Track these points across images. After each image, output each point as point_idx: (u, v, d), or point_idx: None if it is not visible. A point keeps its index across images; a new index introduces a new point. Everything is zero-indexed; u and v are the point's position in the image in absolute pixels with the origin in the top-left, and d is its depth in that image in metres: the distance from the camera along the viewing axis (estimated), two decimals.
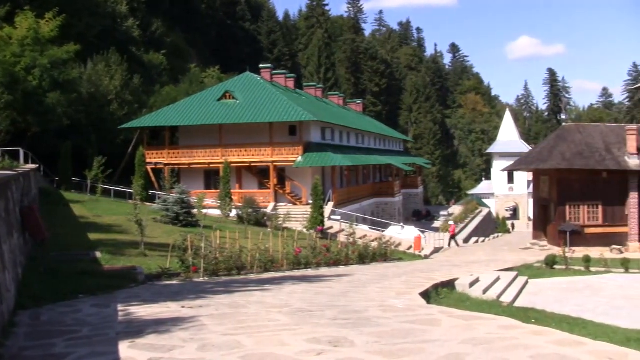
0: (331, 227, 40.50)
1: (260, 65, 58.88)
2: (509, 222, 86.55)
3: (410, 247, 40.52)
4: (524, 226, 79.50)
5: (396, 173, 68.26)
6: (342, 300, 12.15)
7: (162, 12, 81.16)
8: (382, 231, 45.15)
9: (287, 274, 19.68)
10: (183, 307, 10.55)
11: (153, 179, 47.56)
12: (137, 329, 8.19)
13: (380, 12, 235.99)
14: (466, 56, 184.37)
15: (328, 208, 44.59)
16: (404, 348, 6.80)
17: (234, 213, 39.41)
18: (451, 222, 42.22)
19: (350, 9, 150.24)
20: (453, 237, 48.67)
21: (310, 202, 40.31)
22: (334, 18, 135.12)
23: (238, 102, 49.85)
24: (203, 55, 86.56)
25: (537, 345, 6.97)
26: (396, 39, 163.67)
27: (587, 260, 31.02)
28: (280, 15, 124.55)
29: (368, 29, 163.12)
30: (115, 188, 43.49)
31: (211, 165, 47.85)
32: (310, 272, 20.92)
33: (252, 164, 48.40)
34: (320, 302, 11.57)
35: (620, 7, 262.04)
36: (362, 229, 42.80)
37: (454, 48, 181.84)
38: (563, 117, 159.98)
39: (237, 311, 10.04)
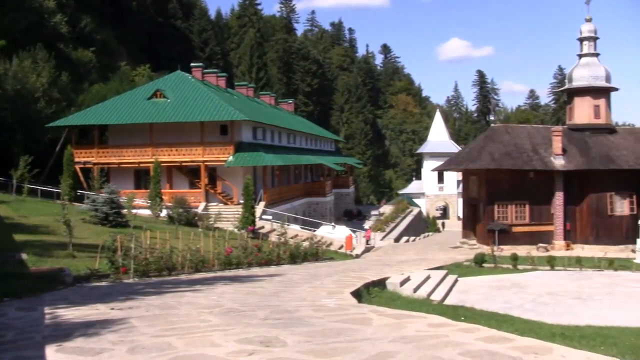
0: (262, 227, 40.46)
1: (192, 64, 58.38)
2: (439, 222, 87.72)
3: (341, 247, 40.72)
4: (454, 225, 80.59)
5: (327, 173, 68.49)
6: (274, 300, 12.14)
7: (91, 9, 79.71)
8: (314, 231, 45.27)
9: (219, 274, 19.55)
10: (112, 308, 10.40)
11: (81, 178, 46.74)
12: (64, 332, 8.03)
13: (313, 12, 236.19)
14: (397, 57, 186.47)
15: (259, 208, 44.51)
16: (336, 347, 6.84)
17: (164, 213, 39.01)
18: (367, 227, 42.57)
19: (283, 8, 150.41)
20: (367, 242, 48.73)
21: (242, 201, 40.20)
22: (266, 17, 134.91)
23: (169, 101, 49.35)
24: (133, 53, 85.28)
25: (466, 342, 7.08)
26: (328, 39, 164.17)
27: (514, 258, 31.66)
28: (212, 13, 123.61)
29: (300, 28, 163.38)
30: (42, 188, 42.61)
31: (141, 165, 47.27)
32: (241, 272, 20.83)
33: (183, 164, 47.98)
34: (251, 302, 11.54)
35: (547, 11, 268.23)
36: (294, 229, 42.83)
37: (385, 49, 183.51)
38: (492, 118, 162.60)
39: (168, 312, 9.94)
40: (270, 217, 43.58)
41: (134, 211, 33.42)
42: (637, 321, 16.58)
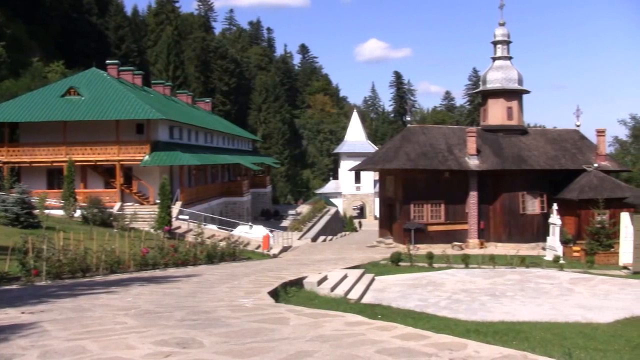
0: (179, 227, 40.03)
1: (107, 61, 57.24)
2: (356, 221, 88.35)
3: (258, 246, 40.63)
4: (371, 224, 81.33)
5: (245, 172, 68.31)
6: (191, 300, 12.05)
7: (1, 2, 77.29)
8: (231, 230, 45.07)
9: (134, 275, 19.29)
10: (23, 312, 10.13)
11: None
12: None
13: (231, 10, 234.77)
14: (315, 57, 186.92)
15: (176, 207, 44.05)
16: (253, 347, 6.83)
17: (78, 213, 38.15)
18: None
19: (201, 6, 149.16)
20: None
21: (158, 201, 39.67)
22: (184, 15, 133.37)
23: (83, 98, 48.30)
24: (46, 48, 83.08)
25: (383, 340, 7.16)
26: (246, 38, 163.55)
27: (430, 257, 32.14)
28: (128, 10, 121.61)
29: (218, 27, 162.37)
30: None
31: (54, 164, 46.11)
32: (158, 272, 20.59)
33: (98, 163, 47.06)
34: (168, 303, 11.42)
35: (463, 14, 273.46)
36: (211, 229, 42.54)
37: (304, 49, 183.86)
38: (408, 118, 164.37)
39: (82, 315, 9.74)
40: (187, 217, 43.18)
41: (46, 211, 32.69)
42: (546, 316, 17.07)
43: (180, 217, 43.34)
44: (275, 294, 13.78)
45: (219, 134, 69.32)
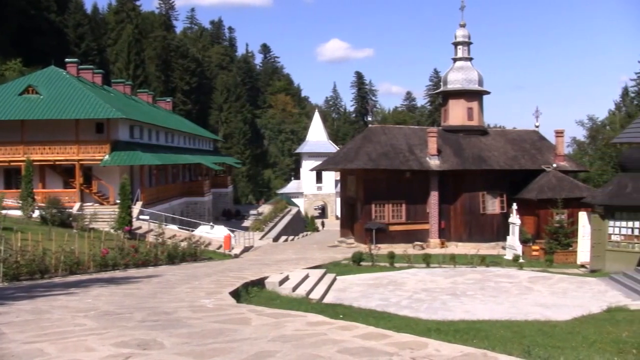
0: (140, 227, 39.73)
1: (66, 60, 56.48)
2: (319, 221, 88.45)
3: (220, 247, 40.49)
4: (332, 224, 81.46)
5: (206, 172, 68.00)
6: (151, 301, 11.95)
7: None
8: (192, 231, 44.86)
9: (94, 276, 19.09)
10: None
11: None
12: None
13: (192, 9, 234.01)
14: (277, 57, 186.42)
15: (136, 208, 43.69)
16: (214, 348, 6.79)
17: (37, 214, 37.65)
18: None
19: (162, 5, 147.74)
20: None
21: (118, 201, 39.31)
22: (145, 14, 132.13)
23: (42, 97, 47.63)
24: (3, 46, 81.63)
25: (344, 339, 7.16)
26: (208, 37, 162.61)
27: (391, 256, 32.32)
28: (88, 7, 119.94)
29: (179, 26, 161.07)
30: None
31: (12, 164, 45.40)
32: (118, 273, 20.41)
33: (57, 163, 46.46)
34: (128, 305, 11.32)
35: (425, 15, 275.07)
36: (172, 229, 42.33)
37: (265, 48, 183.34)
38: (369, 118, 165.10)
39: (40, 317, 9.59)
40: (147, 217, 42.87)
41: (3, 212, 32.15)
42: (506, 314, 17.28)
43: (141, 217, 43.02)
44: (236, 294, 13.74)
45: (180, 133, 68.93)
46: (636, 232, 29.82)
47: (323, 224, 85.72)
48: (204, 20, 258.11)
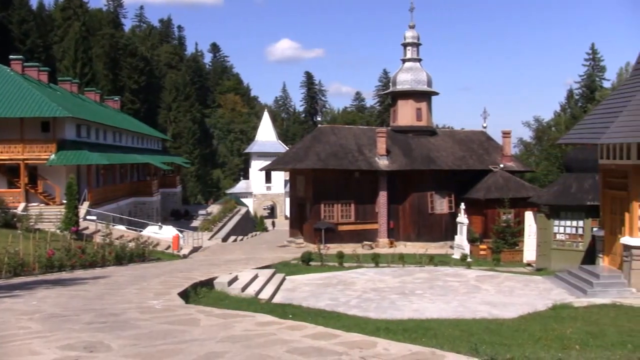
0: (87, 228, 39.18)
1: (11, 57, 55.34)
2: (269, 221, 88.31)
3: (168, 247, 40.19)
4: (282, 224, 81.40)
5: (154, 172, 67.36)
6: (99, 303, 11.82)
7: None
8: (140, 231, 44.43)
9: (40, 277, 18.80)
10: None
11: None
12: None
13: (141, 7, 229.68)
14: (227, 56, 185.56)
15: (83, 208, 43.12)
16: (163, 349, 6.75)
17: None
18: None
19: (110, 2, 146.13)
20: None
21: (65, 201, 38.72)
22: (93, 11, 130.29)
23: None
24: None
25: (293, 339, 7.18)
26: (157, 36, 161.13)
27: (340, 256, 32.39)
28: (33, 3, 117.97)
29: (128, 24, 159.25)
30: None
31: None
32: (64, 275, 20.12)
33: (1, 162, 45.58)
34: (75, 306, 11.18)
35: (375, 15, 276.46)
36: (120, 229, 41.86)
37: (215, 48, 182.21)
38: (319, 118, 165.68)
39: None
40: (95, 218, 42.33)
41: None
42: (454, 313, 17.45)
43: (88, 217, 42.46)
44: (185, 295, 13.67)
45: (128, 133, 68.21)
46: (580, 231, 30.34)
47: (274, 224, 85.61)
48: (153, 18, 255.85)
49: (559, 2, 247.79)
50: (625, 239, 21.21)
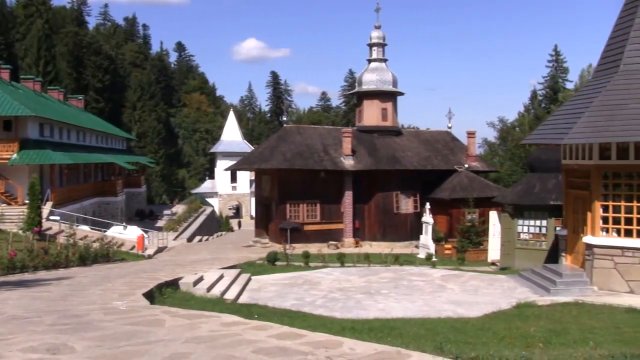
0: (50, 228, 38.74)
1: None
2: (235, 220, 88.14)
3: (133, 247, 39.90)
4: (248, 224, 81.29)
5: (119, 172, 66.84)
6: (62, 304, 11.70)
7: None
8: (105, 231, 44.05)
9: (1, 279, 18.55)
10: None
11: None
12: None
13: (106, 5, 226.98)
14: (192, 55, 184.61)
15: (46, 208, 42.62)
16: (127, 351, 6.70)
17: None
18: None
19: (74, 0, 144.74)
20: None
21: (27, 202, 38.27)
22: (56, 8, 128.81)
23: None
24: None
25: (259, 339, 7.17)
26: (121, 34, 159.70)
27: (306, 256, 32.38)
28: None
29: (92, 22, 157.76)
30: None
31: None
32: (27, 276, 19.88)
33: None
34: (37, 308, 11.05)
35: (341, 16, 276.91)
36: (83, 230, 41.51)
37: (180, 47, 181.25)
38: (284, 118, 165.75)
39: None
40: (58, 218, 41.87)
41: None
42: (420, 312, 17.53)
43: (51, 217, 41.98)
44: (150, 296, 13.59)
45: (93, 132, 67.61)
46: (544, 231, 30.66)
47: (240, 224, 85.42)
48: (118, 16, 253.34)
49: (523, 4, 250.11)
50: (588, 238, 21.48)
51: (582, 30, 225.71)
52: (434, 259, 37.26)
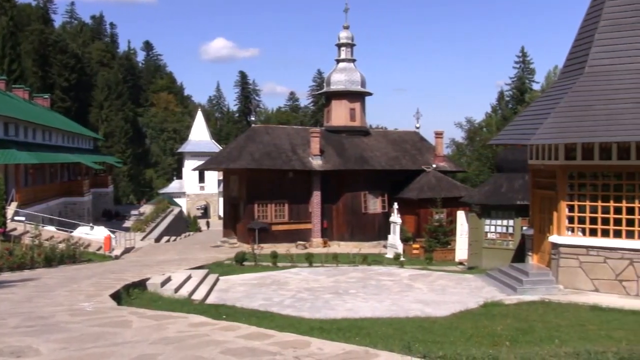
0: (15, 229, 38.29)
1: None
2: (203, 221, 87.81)
3: (100, 248, 39.57)
4: (216, 224, 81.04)
5: (85, 172, 66.27)
6: (27, 306, 11.57)
7: None
8: (71, 232, 43.65)
9: None
10: None
11: None
12: None
13: (72, 3, 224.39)
14: (160, 55, 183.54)
15: (11, 208, 42.12)
16: (94, 352, 6.64)
17: None
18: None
19: None
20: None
21: None
22: (21, 6, 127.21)
23: None
24: None
25: (227, 340, 7.15)
26: (88, 33, 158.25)
27: (274, 256, 32.35)
28: None
29: (58, 20, 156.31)
30: None
31: None
32: None
33: None
34: (1, 310, 10.91)
35: (309, 16, 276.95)
36: (49, 230, 41.05)
37: (148, 46, 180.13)
38: (253, 118, 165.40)
39: None
40: (23, 218, 41.39)
41: None
42: (388, 312, 17.58)
43: (16, 218, 41.50)
44: (117, 297, 13.49)
45: (59, 131, 66.96)
46: (510, 230, 30.94)
47: (208, 224, 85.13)
48: (85, 14, 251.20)
49: (490, 5, 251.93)
50: (554, 238, 21.70)
51: (548, 32, 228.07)
52: (402, 258, 37.39)
